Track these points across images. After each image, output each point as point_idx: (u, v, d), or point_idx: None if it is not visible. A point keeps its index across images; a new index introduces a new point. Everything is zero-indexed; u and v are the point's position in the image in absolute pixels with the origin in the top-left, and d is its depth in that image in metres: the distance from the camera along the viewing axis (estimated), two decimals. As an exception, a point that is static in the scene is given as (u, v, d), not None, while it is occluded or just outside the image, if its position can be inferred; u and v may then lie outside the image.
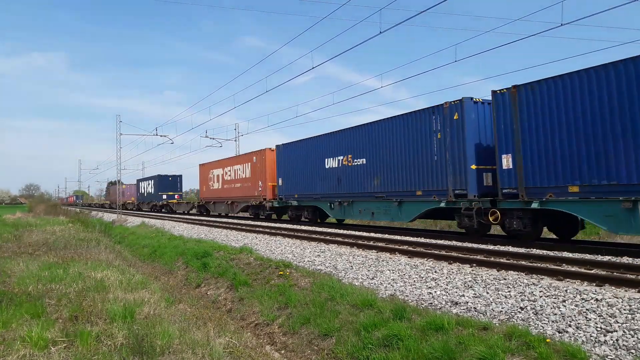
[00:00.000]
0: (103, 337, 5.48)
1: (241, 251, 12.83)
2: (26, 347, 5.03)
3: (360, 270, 9.53)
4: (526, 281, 7.40)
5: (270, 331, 7.66)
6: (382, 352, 5.60)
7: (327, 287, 8.12)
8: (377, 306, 6.80)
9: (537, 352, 4.69)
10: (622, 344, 4.79)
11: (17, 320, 5.99)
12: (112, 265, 11.04)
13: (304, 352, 6.60)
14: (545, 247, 11.00)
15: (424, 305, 6.89)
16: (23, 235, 17.85)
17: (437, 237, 14.00)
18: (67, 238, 16.87)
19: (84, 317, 6.31)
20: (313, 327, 6.97)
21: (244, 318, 8.52)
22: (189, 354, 5.17)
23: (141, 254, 17.31)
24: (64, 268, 9.85)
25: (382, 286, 8.16)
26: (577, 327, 5.33)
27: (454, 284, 7.67)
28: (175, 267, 13.82)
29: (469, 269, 8.73)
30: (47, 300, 7.17)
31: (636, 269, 7.74)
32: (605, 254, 9.69)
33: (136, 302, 7.18)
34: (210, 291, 10.77)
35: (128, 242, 20.91)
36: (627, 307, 5.67)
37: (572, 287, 6.85)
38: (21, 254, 12.52)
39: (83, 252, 13.29)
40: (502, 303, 6.48)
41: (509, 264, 8.73)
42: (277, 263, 10.66)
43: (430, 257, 10.18)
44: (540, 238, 12.85)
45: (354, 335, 6.23)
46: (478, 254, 10.19)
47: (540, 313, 5.90)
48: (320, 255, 11.64)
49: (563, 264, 8.58)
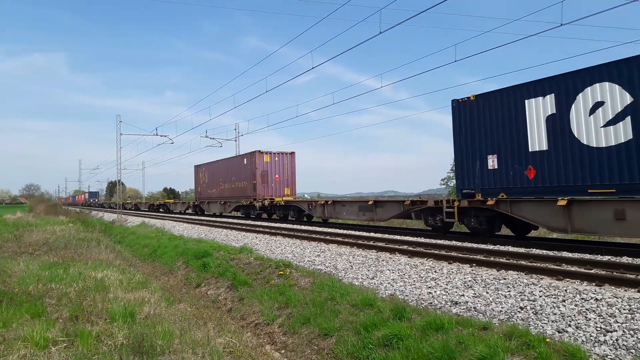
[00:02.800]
0: (103, 337, 5.49)
1: (241, 251, 12.84)
2: (27, 347, 5.04)
3: (360, 270, 9.54)
4: (526, 281, 7.41)
5: (270, 331, 7.67)
6: (382, 352, 5.61)
7: (327, 286, 8.13)
8: (377, 306, 6.80)
9: (537, 351, 4.69)
10: (621, 343, 4.80)
11: (18, 320, 6.00)
12: (112, 265, 11.05)
13: (304, 352, 6.60)
14: (544, 246, 11.01)
15: (423, 305, 6.90)
16: (23, 235, 17.85)
17: (437, 237, 14.00)
18: (67, 238, 16.89)
19: (84, 316, 6.32)
20: (313, 326, 6.98)
21: (244, 318, 8.52)
22: (189, 354, 5.17)
23: (141, 253, 17.32)
24: (64, 268, 9.87)
25: (382, 286, 8.17)
26: (577, 326, 5.34)
27: (454, 284, 7.68)
28: (176, 267, 13.82)
29: (468, 268, 8.74)
30: (48, 300, 7.18)
31: (636, 268, 7.75)
32: (605, 254, 9.70)
33: (136, 302, 7.18)
34: (210, 291, 10.78)
35: (128, 242, 20.92)
36: (627, 307, 5.67)
37: (572, 286, 6.85)
38: (21, 254, 12.53)
39: (83, 252, 13.31)
40: (502, 303, 6.48)
41: (509, 263, 8.73)
42: (277, 263, 10.67)
43: (430, 257, 10.19)
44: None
45: (354, 335, 6.24)
46: (478, 254, 10.20)
47: (540, 313, 5.90)
48: (320, 255, 11.64)
49: (563, 264, 8.59)
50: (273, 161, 27.15)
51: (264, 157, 26.84)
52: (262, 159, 26.65)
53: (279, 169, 27.35)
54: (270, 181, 26.92)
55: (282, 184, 27.29)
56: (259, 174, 26.55)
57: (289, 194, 27.36)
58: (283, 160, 27.53)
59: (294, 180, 27.99)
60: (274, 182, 27.10)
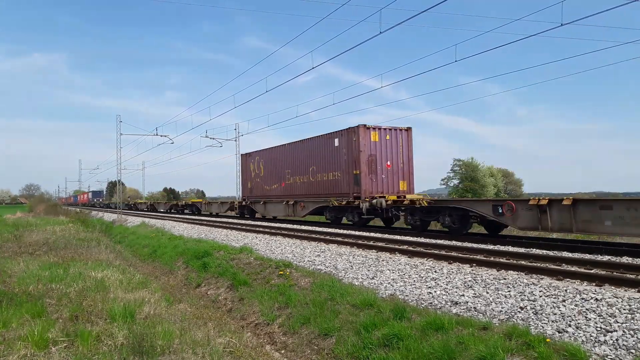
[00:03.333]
0: (103, 337, 5.49)
1: (241, 251, 12.84)
2: (27, 347, 5.04)
3: (360, 270, 9.54)
4: (526, 281, 7.40)
5: (270, 331, 7.67)
6: (382, 352, 5.61)
7: (327, 286, 8.13)
8: (377, 306, 6.80)
9: (537, 351, 4.69)
10: (622, 343, 4.80)
11: (18, 320, 5.99)
12: (112, 265, 11.05)
13: (304, 352, 6.60)
14: (545, 247, 11.01)
15: (423, 305, 6.90)
16: (23, 235, 17.85)
17: (437, 237, 14.01)
18: (67, 238, 16.89)
19: (84, 316, 6.32)
20: (313, 326, 6.98)
21: (244, 318, 8.52)
22: (189, 354, 5.17)
23: (141, 253, 17.33)
24: (64, 268, 9.86)
25: (382, 286, 8.17)
26: (577, 326, 5.34)
27: (454, 284, 7.68)
28: (176, 267, 13.83)
29: (468, 268, 8.73)
30: (48, 300, 7.18)
31: (636, 268, 7.74)
32: (605, 254, 9.70)
33: (136, 302, 7.18)
34: (210, 291, 10.78)
35: (128, 242, 20.93)
36: (627, 307, 5.67)
37: (572, 286, 6.85)
38: (21, 254, 12.53)
39: (83, 252, 13.31)
40: (502, 303, 6.48)
41: (509, 263, 8.73)
42: (277, 263, 10.67)
43: (430, 256, 10.19)
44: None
45: (354, 335, 6.24)
46: (478, 254, 10.20)
47: (540, 313, 5.90)
48: (320, 255, 11.65)
49: (563, 264, 8.59)
50: (383, 141, 18.73)
51: (371, 134, 18.52)
52: (369, 138, 18.32)
53: (391, 152, 18.96)
54: (380, 171, 18.69)
55: (396, 175, 19.12)
56: (365, 159, 18.23)
57: (406, 190, 19.23)
58: (397, 138, 19.10)
59: (411, 169, 19.48)
60: (385, 172, 18.79)
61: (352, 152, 18.63)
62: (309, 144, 21.91)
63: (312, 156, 21.52)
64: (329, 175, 20.25)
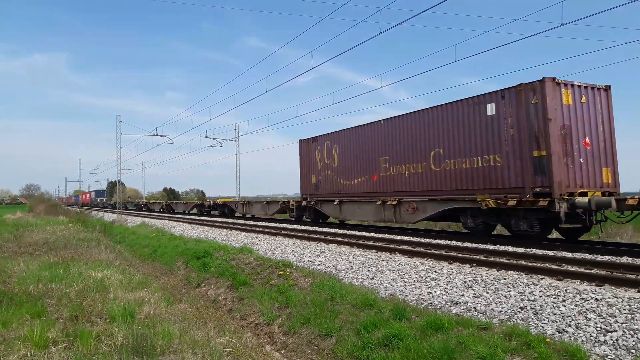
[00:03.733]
0: (103, 337, 5.49)
1: (241, 251, 12.83)
2: (27, 347, 5.04)
3: (360, 270, 9.54)
4: (526, 281, 7.40)
5: (270, 331, 7.67)
6: (382, 352, 5.61)
7: (327, 287, 8.13)
8: (377, 306, 6.80)
9: (537, 352, 4.69)
10: (622, 343, 4.80)
11: (18, 320, 6.00)
12: (112, 265, 11.06)
13: (304, 352, 6.61)
14: (545, 247, 11.00)
15: (423, 305, 6.89)
16: (23, 235, 17.86)
17: (437, 237, 14.00)
18: (67, 238, 16.90)
19: (84, 317, 6.32)
20: (313, 326, 6.98)
21: (244, 318, 8.52)
22: (189, 354, 5.17)
23: (141, 253, 17.33)
24: (64, 268, 9.87)
25: (382, 286, 8.16)
26: (577, 326, 5.34)
27: (454, 284, 7.68)
28: (176, 267, 13.83)
29: (468, 268, 8.73)
30: (48, 300, 7.18)
31: (636, 268, 7.74)
32: (605, 253, 9.69)
33: (136, 302, 7.19)
34: (210, 291, 10.78)
35: (128, 242, 20.93)
36: (627, 307, 5.67)
37: (572, 287, 6.85)
38: (21, 254, 12.54)
39: (83, 252, 13.32)
40: (502, 303, 6.48)
41: (509, 263, 8.73)
42: (277, 263, 10.67)
43: (430, 257, 10.18)
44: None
45: (354, 335, 6.24)
46: (478, 254, 10.19)
47: (540, 313, 5.90)
48: (320, 255, 11.64)
49: (563, 264, 8.59)
50: (578, 105, 12.07)
51: (562, 93, 11.83)
52: (559, 99, 11.73)
53: (589, 123, 12.25)
54: (578, 152, 11.91)
55: (597, 160, 12.19)
56: (556, 133, 11.56)
57: (611, 183, 12.35)
58: (594, 102, 12.41)
59: (614, 150, 12.59)
60: (583, 154, 12.04)
61: (527, 122, 11.92)
62: (430, 116, 14.97)
63: (435, 135, 14.72)
64: (472, 161, 13.43)
